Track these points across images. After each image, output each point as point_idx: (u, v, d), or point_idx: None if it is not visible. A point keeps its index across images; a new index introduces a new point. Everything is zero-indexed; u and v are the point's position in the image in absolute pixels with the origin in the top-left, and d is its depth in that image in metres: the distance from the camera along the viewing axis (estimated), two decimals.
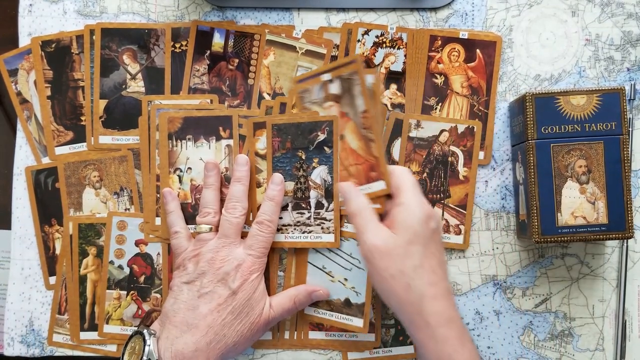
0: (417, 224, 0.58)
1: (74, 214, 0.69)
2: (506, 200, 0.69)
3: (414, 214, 0.58)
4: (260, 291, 0.63)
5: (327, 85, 0.65)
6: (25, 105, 0.70)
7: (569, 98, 0.62)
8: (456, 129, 0.67)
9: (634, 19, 0.69)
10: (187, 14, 0.70)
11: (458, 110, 0.68)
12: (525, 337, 0.68)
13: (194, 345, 0.60)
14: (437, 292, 0.57)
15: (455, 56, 0.68)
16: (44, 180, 0.69)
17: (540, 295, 0.68)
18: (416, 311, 0.56)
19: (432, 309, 0.56)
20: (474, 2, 0.69)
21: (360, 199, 0.61)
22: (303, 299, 0.65)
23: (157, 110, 0.68)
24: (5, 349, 0.69)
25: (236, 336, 0.61)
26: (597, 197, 0.62)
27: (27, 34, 0.70)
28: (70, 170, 0.69)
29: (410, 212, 0.58)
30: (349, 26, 0.69)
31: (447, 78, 0.68)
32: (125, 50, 0.69)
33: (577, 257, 0.68)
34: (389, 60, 0.69)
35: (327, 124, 0.65)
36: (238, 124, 0.67)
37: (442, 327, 0.56)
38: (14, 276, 0.69)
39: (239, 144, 0.67)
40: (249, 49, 0.69)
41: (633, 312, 0.68)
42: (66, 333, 0.68)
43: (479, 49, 0.68)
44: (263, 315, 0.63)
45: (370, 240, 0.58)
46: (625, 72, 0.69)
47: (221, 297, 0.61)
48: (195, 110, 0.68)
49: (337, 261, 0.66)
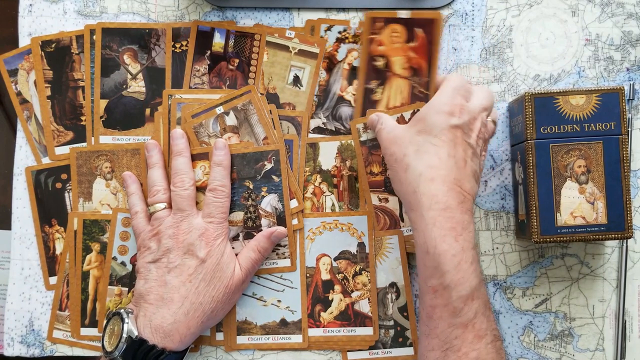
0: (432, 116, 0.57)
1: (83, 203, 0.69)
2: (506, 200, 0.69)
3: (433, 107, 0.58)
4: (227, 254, 0.63)
5: (223, 118, 0.67)
6: (25, 105, 0.70)
7: (568, 98, 0.62)
8: (403, 118, 0.65)
9: (634, 19, 0.69)
10: (187, 14, 0.70)
11: (399, 93, 0.66)
12: (525, 337, 0.68)
13: (172, 317, 0.60)
14: (435, 175, 0.55)
15: (396, 37, 0.65)
16: (44, 180, 0.69)
17: (540, 295, 0.68)
18: (412, 190, 0.56)
19: (426, 189, 0.55)
20: (474, 2, 0.69)
21: (383, 118, 0.63)
22: (265, 245, 0.66)
23: (178, 104, 0.68)
24: (5, 349, 0.69)
25: (212, 302, 0.62)
26: (596, 197, 0.62)
27: (27, 34, 0.70)
28: (83, 159, 0.69)
29: (431, 105, 0.58)
30: (311, 23, 0.69)
31: (388, 60, 0.65)
32: (126, 50, 0.70)
33: (577, 257, 0.68)
34: (351, 55, 0.69)
35: (273, 153, 0.66)
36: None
37: (434, 210, 0.55)
38: (14, 276, 0.69)
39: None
40: (249, 49, 0.69)
41: (633, 312, 0.68)
42: (66, 329, 0.68)
43: (420, 28, 0.64)
44: (235, 277, 0.63)
45: (382, 134, 0.60)
46: (625, 72, 0.69)
47: (190, 268, 0.62)
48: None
49: (268, 285, 0.67)
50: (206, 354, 0.68)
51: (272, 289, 0.67)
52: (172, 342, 0.60)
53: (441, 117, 0.57)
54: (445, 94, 0.59)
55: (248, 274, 0.65)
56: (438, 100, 0.58)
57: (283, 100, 0.69)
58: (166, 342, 0.60)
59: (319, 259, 0.67)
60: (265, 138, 0.67)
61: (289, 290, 0.67)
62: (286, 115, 0.68)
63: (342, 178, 0.68)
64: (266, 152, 0.66)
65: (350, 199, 0.68)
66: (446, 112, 0.57)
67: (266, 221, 0.66)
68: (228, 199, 0.65)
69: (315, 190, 0.68)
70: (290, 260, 0.67)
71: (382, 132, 0.61)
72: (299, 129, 0.68)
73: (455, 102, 0.58)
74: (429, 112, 0.58)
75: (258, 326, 0.67)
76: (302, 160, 0.68)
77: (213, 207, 0.64)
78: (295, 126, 0.68)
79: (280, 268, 0.67)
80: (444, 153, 0.56)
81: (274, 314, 0.67)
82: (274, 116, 0.67)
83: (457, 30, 0.69)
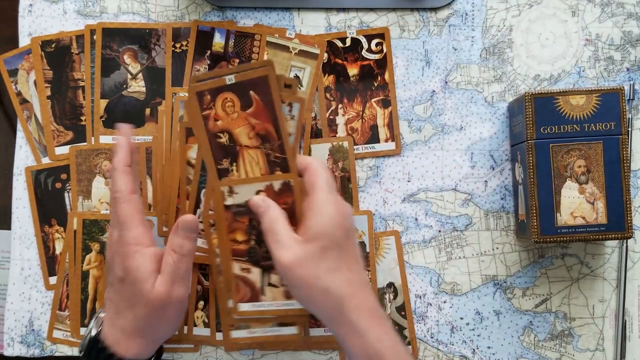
0: (331, 228, 0.55)
1: (83, 201, 0.68)
2: (505, 200, 0.69)
3: (327, 217, 0.55)
4: (143, 269, 0.58)
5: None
6: (25, 105, 0.70)
7: (568, 98, 0.62)
8: (272, 187, 0.60)
9: (634, 19, 0.69)
10: (187, 14, 0.70)
11: (255, 164, 0.60)
12: (525, 337, 0.68)
13: (117, 327, 0.59)
14: (355, 289, 0.55)
15: (231, 107, 0.59)
16: (44, 180, 0.69)
17: (540, 295, 0.68)
18: (337, 311, 0.55)
19: (352, 305, 0.54)
20: (474, 2, 0.69)
21: (272, 211, 0.58)
22: (176, 240, 0.59)
23: (181, 102, 0.68)
24: (5, 349, 0.69)
25: (136, 321, 0.58)
26: (596, 197, 0.62)
27: (27, 34, 0.70)
28: (82, 157, 0.69)
29: (323, 215, 0.55)
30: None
31: (231, 134, 0.60)
32: (126, 50, 0.70)
33: (577, 257, 0.68)
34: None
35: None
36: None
37: (362, 319, 0.54)
38: (14, 276, 0.69)
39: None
40: (249, 49, 0.69)
41: (633, 312, 0.68)
42: (66, 329, 0.68)
43: (252, 91, 0.58)
44: (155, 292, 0.58)
45: (283, 257, 0.55)
46: (625, 72, 0.69)
47: (116, 285, 0.59)
48: None
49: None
50: (206, 354, 0.68)
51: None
52: (120, 349, 0.58)
53: (337, 227, 0.55)
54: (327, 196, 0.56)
55: (173, 282, 0.58)
56: (327, 207, 0.56)
57: None
58: (117, 347, 0.58)
59: None
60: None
61: None
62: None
63: (335, 179, 0.68)
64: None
65: (344, 199, 0.68)
66: (339, 220, 0.56)
67: None
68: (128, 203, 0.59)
69: None
70: None
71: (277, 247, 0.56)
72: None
73: (338, 202, 0.57)
74: (325, 223, 0.55)
75: (256, 320, 0.65)
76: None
77: (113, 217, 0.59)
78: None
79: None
80: (352, 262, 0.56)
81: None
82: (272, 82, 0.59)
83: (457, 30, 0.69)
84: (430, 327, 0.68)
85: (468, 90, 0.69)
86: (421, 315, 0.68)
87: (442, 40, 0.69)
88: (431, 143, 0.69)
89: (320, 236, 0.55)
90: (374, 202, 0.69)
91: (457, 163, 0.69)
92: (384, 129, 0.69)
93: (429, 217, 0.69)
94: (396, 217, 0.69)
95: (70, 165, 0.69)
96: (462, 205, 0.69)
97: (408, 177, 0.69)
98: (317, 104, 0.69)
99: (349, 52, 0.70)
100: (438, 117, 0.69)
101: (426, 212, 0.69)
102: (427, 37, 0.69)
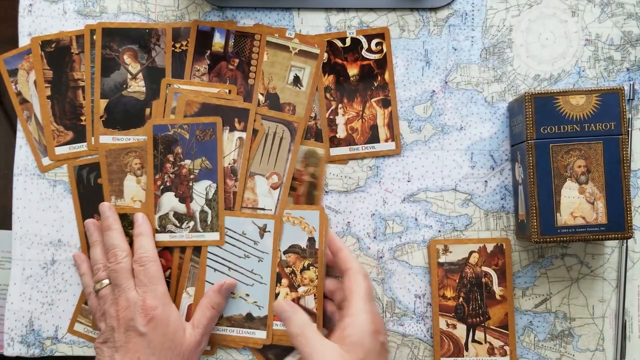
0: (368, 340, 0.58)
1: (115, 201, 0.68)
2: (505, 201, 0.69)
3: (365, 328, 0.58)
4: (173, 321, 0.62)
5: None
6: (25, 105, 0.70)
7: (568, 98, 0.62)
8: (485, 249, 0.67)
9: (634, 19, 0.69)
10: (187, 14, 0.70)
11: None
12: (525, 337, 0.68)
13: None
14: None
15: None
16: (87, 175, 0.69)
17: (540, 295, 0.68)
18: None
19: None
20: (474, 2, 0.69)
21: (299, 316, 0.61)
22: (217, 299, 0.65)
23: (175, 94, 0.68)
24: (5, 349, 0.69)
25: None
26: (596, 197, 0.62)
27: (27, 34, 0.70)
28: (112, 157, 0.69)
29: (361, 326, 0.58)
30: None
31: None
32: (126, 50, 0.70)
33: (577, 257, 0.68)
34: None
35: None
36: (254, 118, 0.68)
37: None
38: (15, 276, 0.69)
39: (251, 139, 0.67)
40: (249, 49, 0.69)
41: (633, 312, 0.68)
42: (88, 324, 0.68)
43: None
44: (187, 342, 0.62)
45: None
46: (625, 72, 0.69)
47: (136, 344, 0.60)
48: (215, 98, 0.68)
49: (239, 278, 0.66)
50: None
51: (242, 282, 0.66)
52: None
53: (373, 340, 0.58)
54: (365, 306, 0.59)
55: (204, 334, 0.64)
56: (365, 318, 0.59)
57: (283, 101, 0.69)
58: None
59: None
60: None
61: (258, 286, 0.66)
62: (282, 119, 0.68)
63: (302, 182, 0.68)
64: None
65: (306, 204, 0.68)
66: (375, 333, 0.58)
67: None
68: (154, 262, 0.64)
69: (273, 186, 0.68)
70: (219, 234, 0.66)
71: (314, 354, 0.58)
72: (294, 134, 0.68)
73: (375, 315, 0.60)
74: (362, 334, 0.58)
75: (224, 317, 0.66)
76: (292, 165, 0.68)
77: (142, 275, 0.63)
78: (290, 131, 0.68)
79: (208, 241, 0.66)
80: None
81: (241, 307, 0.66)
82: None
83: (457, 30, 0.69)
84: (430, 327, 0.68)
85: (468, 90, 0.69)
86: (421, 315, 0.68)
87: (442, 40, 0.69)
88: (431, 143, 0.69)
89: (359, 346, 0.57)
90: (373, 202, 0.69)
91: (457, 163, 0.69)
92: (384, 128, 0.69)
93: (428, 217, 0.69)
94: (396, 217, 0.69)
95: (101, 166, 0.69)
96: (462, 205, 0.69)
97: (408, 177, 0.69)
98: (317, 104, 0.69)
99: (349, 52, 0.70)
100: (438, 117, 0.69)
101: (426, 212, 0.69)
102: (427, 37, 0.69)
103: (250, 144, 0.68)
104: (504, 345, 0.67)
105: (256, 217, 0.67)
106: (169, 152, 0.67)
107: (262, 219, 0.66)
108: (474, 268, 0.67)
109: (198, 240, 0.67)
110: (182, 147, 0.67)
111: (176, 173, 0.67)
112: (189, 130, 0.67)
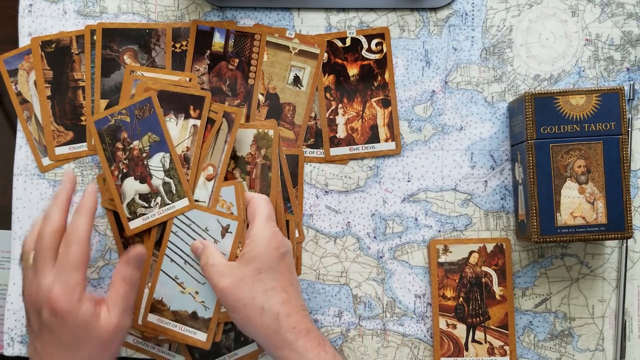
0: (265, 251, 0.59)
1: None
2: (505, 201, 0.69)
3: (262, 241, 0.59)
4: (85, 312, 0.56)
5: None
6: (25, 106, 0.70)
7: (568, 98, 0.62)
8: (485, 249, 0.67)
9: (634, 19, 0.69)
10: (187, 14, 0.70)
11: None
12: (525, 337, 0.68)
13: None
14: (291, 309, 0.59)
15: None
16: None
17: (540, 295, 0.68)
18: (273, 331, 0.58)
19: (289, 325, 0.58)
20: (474, 2, 0.69)
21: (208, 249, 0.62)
22: (128, 271, 0.59)
23: (134, 81, 0.68)
24: (5, 349, 0.69)
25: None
26: (596, 197, 0.62)
27: (27, 34, 0.70)
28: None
29: (258, 242, 0.59)
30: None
31: None
32: (126, 50, 0.70)
33: (577, 257, 0.68)
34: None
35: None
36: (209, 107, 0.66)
37: (301, 339, 0.58)
38: (15, 276, 0.69)
39: (205, 127, 0.66)
40: (249, 48, 0.69)
41: (633, 312, 0.68)
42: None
43: None
44: (104, 327, 0.57)
45: (221, 282, 0.59)
46: (625, 72, 0.69)
47: (49, 339, 0.56)
48: (172, 85, 0.67)
49: (192, 273, 0.65)
50: None
51: (195, 278, 0.65)
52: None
53: (271, 252, 0.59)
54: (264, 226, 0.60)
55: (123, 312, 0.58)
56: (263, 235, 0.60)
57: (283, 100, 0.69)
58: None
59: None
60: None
61: (209, 286, 0.64)
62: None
63: (255, 166, 0.67)
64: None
65: (261, 187, 0.67)
66: (274, 245, 0.60)
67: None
68: (80, 245, 0.57)
69: (228, 177, 0.67)
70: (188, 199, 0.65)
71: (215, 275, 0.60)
72: (231, 125, 0.66)
73: (275, 233, 0.61)
74: (259, 249, 0.59)
75: (170, 310, 0.65)
76: (227, 156, 0.66)
77: (63, 256, 0.57)
78: (228, 122, 0.66)
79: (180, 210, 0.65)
80: (287, 284, 0.60)
81: (188, 303, 0.65)
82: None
83: (457, 30, 0.69)
84: (430, 327, 0.68)
85: (468, 90, 0.69)
86: (421, 315, 0.68)
87: (442, 40, 0.69)
88: (431, 143, 0.69)
89: (255, 259, 0.59)
90: (373, 202, 0.69)
91: (457, 163, 0.69)
92: (384, 128, 0.69)
93: (428, 217, 0.69)
94: (396, 217, 0.69)
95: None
96: (462, 205, 0.69)
97: (408, 177, 0.69)
98: (317, 104, 0.69)
99: (349, 52, 0.70)
100: (438, 117, 0.69)
101: (426, 212, 0.69)
102: (427, 37, 0.69)
103: (204, 132, 0.66)
104: (504, 345, 0.67)
105: (222, 215, 0.65)
106: (116, 140, 0.66)
107: (227, 218, 0.65)
108: (474, 268, 0.67)
109: (170, 212, 0.65)
110: (127, 131, 0.66)
111: (129, 157, 0.66)
112: (128, 114, 0.66)
